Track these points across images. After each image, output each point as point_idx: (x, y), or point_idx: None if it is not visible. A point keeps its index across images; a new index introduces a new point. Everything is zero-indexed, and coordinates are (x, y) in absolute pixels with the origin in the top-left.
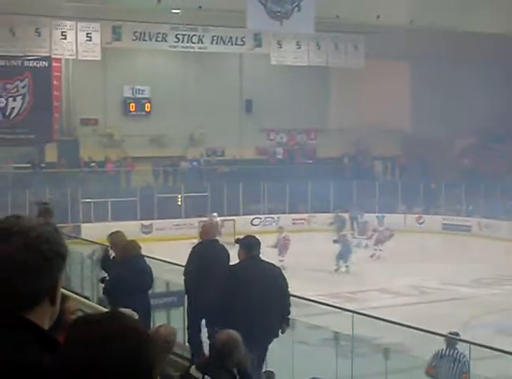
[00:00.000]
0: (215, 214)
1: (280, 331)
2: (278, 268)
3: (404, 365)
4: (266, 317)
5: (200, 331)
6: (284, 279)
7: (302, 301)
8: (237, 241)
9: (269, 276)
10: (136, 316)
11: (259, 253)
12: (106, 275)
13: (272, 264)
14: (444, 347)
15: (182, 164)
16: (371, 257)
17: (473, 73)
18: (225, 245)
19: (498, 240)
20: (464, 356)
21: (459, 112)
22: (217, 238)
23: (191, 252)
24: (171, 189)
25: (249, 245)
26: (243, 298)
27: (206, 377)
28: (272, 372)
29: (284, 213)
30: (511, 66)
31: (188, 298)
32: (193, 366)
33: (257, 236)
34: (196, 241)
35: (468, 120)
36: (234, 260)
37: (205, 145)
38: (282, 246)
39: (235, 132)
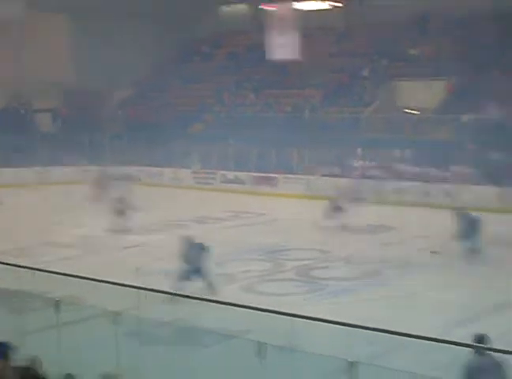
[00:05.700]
0: None
1: None
2: None
3: (76, 317)
4: None
5: None
6: None
7: None
8: None
9: None
10: None
11: None
12: None
13: None
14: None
15: None
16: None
17: (130, 25)
18: None
19: (161, 187)
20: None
21: (118, 64)
22: None
23: None
24: None
25: None
26: None
27: None
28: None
29: None
30: (167, 19)
31: None
32: None
33: None
34: None
35: (126, 71)
36: None
37: None
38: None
39: None
